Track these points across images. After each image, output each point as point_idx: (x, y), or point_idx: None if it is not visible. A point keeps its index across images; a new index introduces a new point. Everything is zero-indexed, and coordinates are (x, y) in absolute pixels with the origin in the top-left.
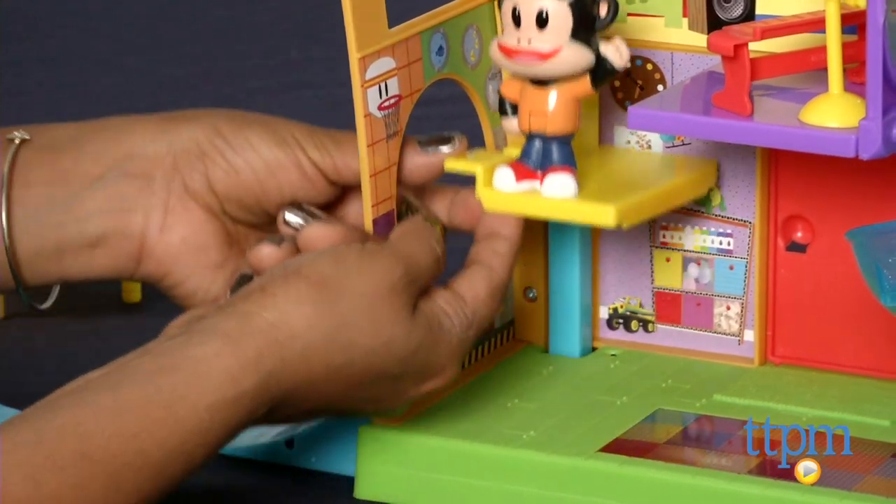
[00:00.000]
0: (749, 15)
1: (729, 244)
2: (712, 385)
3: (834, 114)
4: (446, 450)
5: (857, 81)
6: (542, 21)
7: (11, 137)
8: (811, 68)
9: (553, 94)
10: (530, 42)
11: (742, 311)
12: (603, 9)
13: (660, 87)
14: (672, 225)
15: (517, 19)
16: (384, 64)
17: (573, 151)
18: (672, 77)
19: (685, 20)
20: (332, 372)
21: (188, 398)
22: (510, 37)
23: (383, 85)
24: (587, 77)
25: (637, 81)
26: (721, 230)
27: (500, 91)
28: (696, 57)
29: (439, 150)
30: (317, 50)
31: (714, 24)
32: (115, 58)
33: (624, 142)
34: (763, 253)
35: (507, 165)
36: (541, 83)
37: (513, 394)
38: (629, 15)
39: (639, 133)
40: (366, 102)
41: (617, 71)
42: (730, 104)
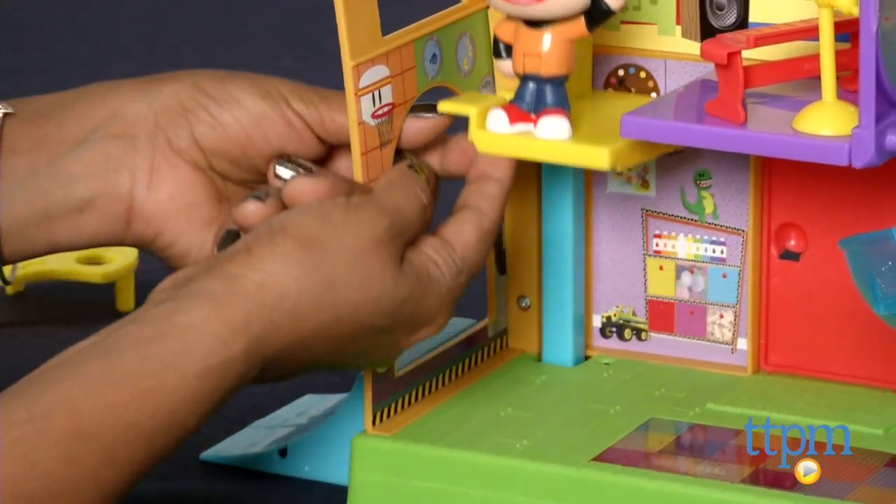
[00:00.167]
0: (742, 23)
1: (722, 252)
2: (705, 394)
3: (827, 122)
4: (440, 459)
5: (851, 89)
6: None
7: None
8: (804, 76)
9: (548, 36)
10: None
11: (735, 320)
12: None
13: (653, 95)
14: (665, 233)
15: None
16: (378, 72)
17: (567, 94)
18: (665, 85)
19: (678, 28)
20: (322, 330)
21: (177, 366)
22: None
23: (377, 93)
24: (582, 19)
25: (630, 89)
26: (714, 238)
27: (495, 32)
28: (690, 65)
29: (435, 115)
30: (311, 58)
31: (707, 32)
32: (108, 66)
33: None
34: (756, 261)
35: (501, 108)
36: (535, 25)
37: (506, 403)
38: (622, 23)
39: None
40: (360, 111)
41: (612, 12)
42: (723, 112)
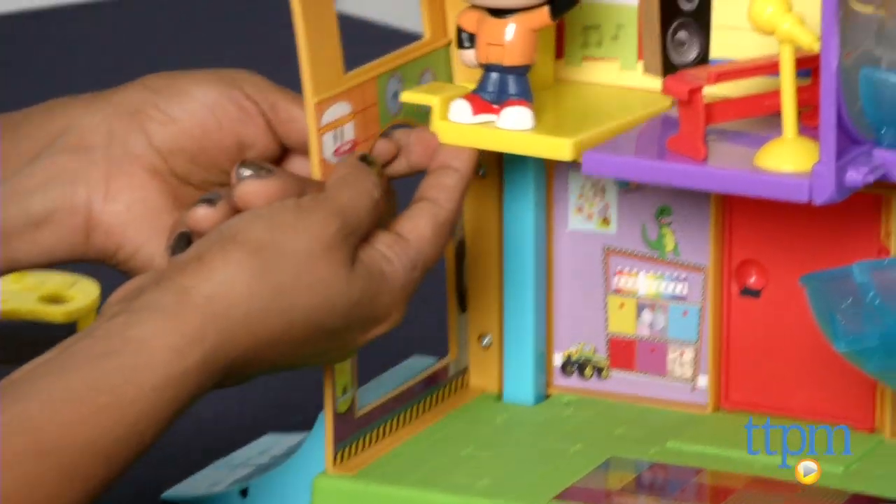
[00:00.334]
0: (703, 59)
1: (683, 290)
2: (666, 432)
3: (788, 158)
4: (400, 498)
5: (811, 125)
6: None
7: None
8: (765, 112)
9: (511, 26)
10: None
11: (696, 357)
12: None
13: None
14: (626, 270)
15: None
16: (340, 109)
17: (530, 84)
18: None
19: (640, 64)
20: (277, 336)
21: (134, 380)
22: None
23: (339, 130)
24: (546, 8)
25: None
26: (675, 275)
27: (458, 22)
28: None
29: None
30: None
31: (669, 68)
32: None
33: (577, 194)
34: (717, 298)
35: (464, 98)
36: (499, 14)
37: (467, 442)
38: (584, 59)
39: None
40: (321, 148)
41: (576, 1)
42: (684, 148)
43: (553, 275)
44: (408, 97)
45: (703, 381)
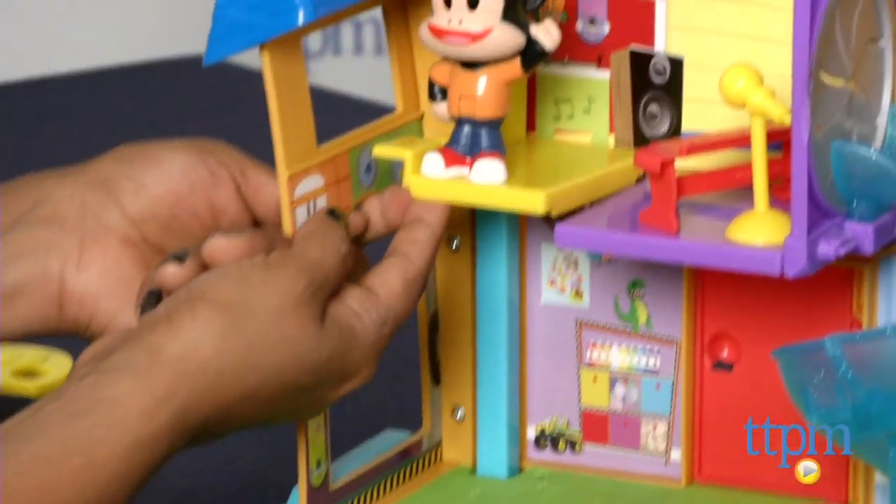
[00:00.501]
0: (675, 131)
1: (655, 363)
2: None
3: (759, 231)
4: None
5: (783, 198)
6: (474, 1)
7: None
8: (737, 185)
9: (483, 78)
10: (461, 23)
11: (669, 431)
12: None
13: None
14: (599, 343)
15: (448, 0)
16: (313, 181)
17: (502, 137)
18: None
19: (612, 137)
20: (248, 393)
21: (105, 441)
22: (440, 17)
23: (312, 203)
24: (517, 60)
25: None
26: (648, 349)
27: (430, 75)
28: None
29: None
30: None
31: (640, 141)
32: None
33: (550, 267)
34: (689, 371)
35: (436, 151)
36: (471, 66)
37: None
38: (556, 131)
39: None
40: (294, 221)
41: (547, 53)
42: (656, 221)
43: (526, 348)
44: (380, 151)
45: (677, 455)
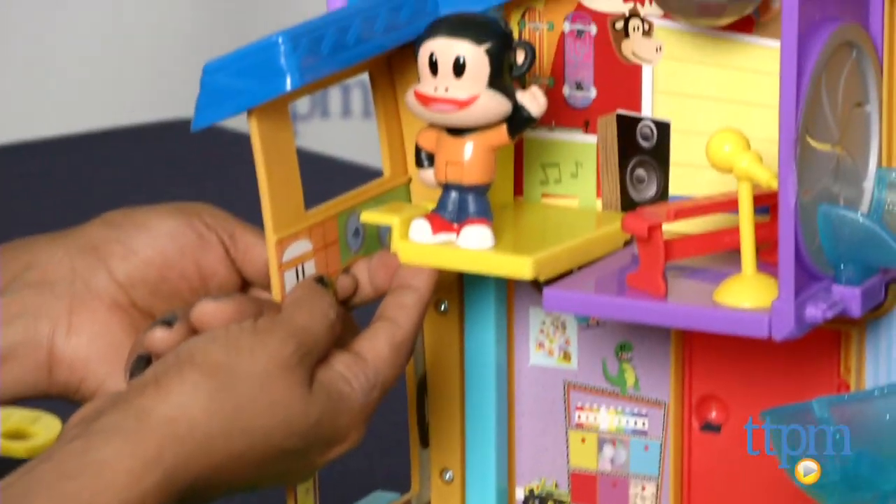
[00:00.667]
0: (662, 195)
1: (644, 424)
2: None
3: (747, 295)
4: None
5: (770, 262)
6: (459, 68)
7: None
8: (724, 249)
9: (469, 144)
10: (447, 90)
11: (657, 492)
12: (520, 56)
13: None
14: (587, 406)
15: (434, 67)
16: (301, 246)
17: (489, 203)
18: None
19: (599, 201)
20: (235, 457)
21: (94, 503)
22: (427, 85)
23: (300, 267)
24: (504, 126)
25: None
26: (636, 411)
27: (417, 141)
28: None
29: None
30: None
31: (628, 205)
32: None
33: (537, 330)
34: (678, 433)
35: (424, 217)
36: (457, 133)
37: None
38: (543, 196)
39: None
40: (283, 285)
41: (534, 119)
42: (644, 285)
43: (514, 410)
44: (368, 217)
45: None
